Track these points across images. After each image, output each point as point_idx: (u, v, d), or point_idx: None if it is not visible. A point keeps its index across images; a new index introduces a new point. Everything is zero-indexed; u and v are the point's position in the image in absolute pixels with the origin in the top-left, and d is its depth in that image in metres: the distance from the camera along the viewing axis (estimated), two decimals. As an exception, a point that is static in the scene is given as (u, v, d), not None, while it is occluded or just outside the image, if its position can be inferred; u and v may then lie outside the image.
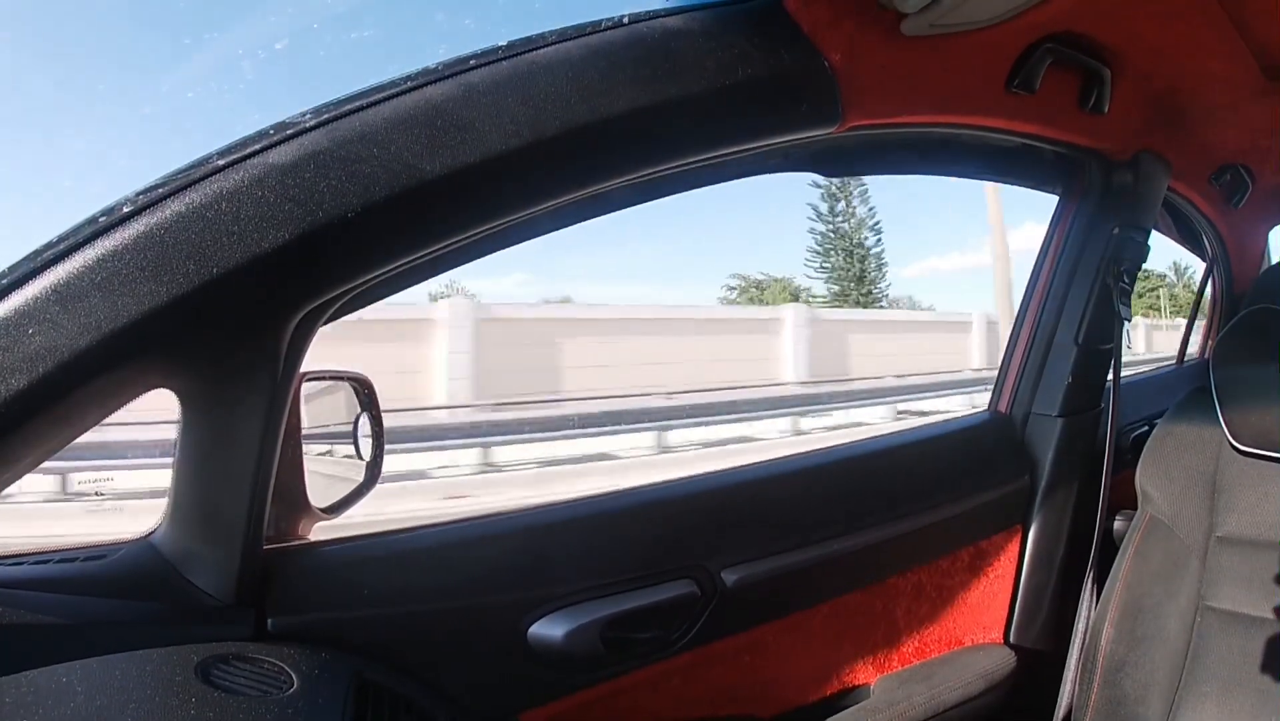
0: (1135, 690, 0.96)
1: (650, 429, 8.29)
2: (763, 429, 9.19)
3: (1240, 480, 0.97)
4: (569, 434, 8.02)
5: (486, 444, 7.46)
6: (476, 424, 8.11)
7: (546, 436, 7.89)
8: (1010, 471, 1.14)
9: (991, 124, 0.94)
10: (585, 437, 7.98)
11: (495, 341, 9.99)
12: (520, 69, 0.60)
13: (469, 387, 9.63)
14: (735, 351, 11.65)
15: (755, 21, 0.68)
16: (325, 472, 0.73)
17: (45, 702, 0.46)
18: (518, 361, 10.05)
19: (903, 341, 13.63)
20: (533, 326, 10.78)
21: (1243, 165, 1.33)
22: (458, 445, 7.45)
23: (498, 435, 7.75)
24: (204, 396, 0.58)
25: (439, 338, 9.78)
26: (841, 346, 12.61)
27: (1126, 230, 1.12)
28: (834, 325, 12.81)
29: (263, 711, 0.49)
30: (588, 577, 0.77)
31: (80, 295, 0.50)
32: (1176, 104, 1.07)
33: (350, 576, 0.68)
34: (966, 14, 0.75)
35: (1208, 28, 0.91)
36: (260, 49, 21.44)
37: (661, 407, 9.00)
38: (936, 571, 1.07)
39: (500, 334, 10.11)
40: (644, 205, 0.79)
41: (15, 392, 0.48)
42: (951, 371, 12.66)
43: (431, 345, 9.76)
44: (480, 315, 10.15)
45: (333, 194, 0.54)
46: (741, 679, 0.90)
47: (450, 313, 9.98)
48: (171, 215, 0.52)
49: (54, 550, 0.62)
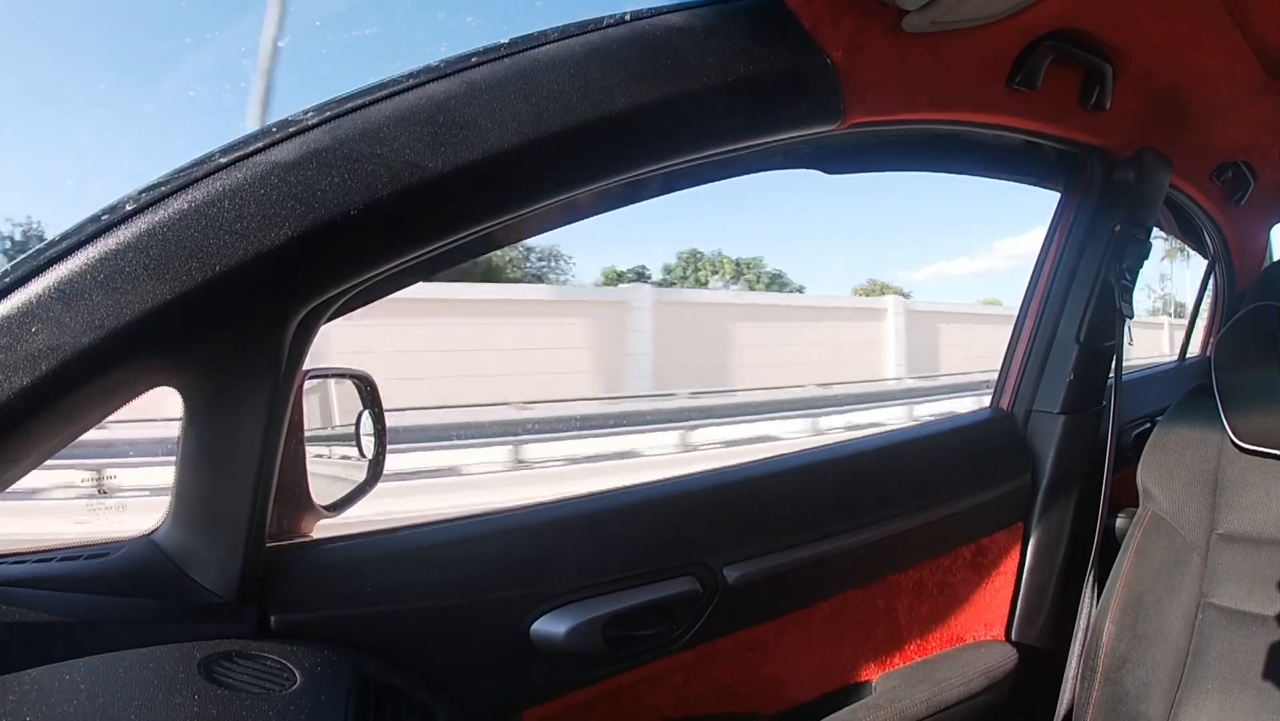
0: (1136, 687, 0.96)
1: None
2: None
3: (1242, 477, 0.97)
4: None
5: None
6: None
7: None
8: (1012, 469, 1.14)
9: (993, 121, 0.94)
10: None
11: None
12: (522, 66, 0.60)
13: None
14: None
15: (757, 19, 0.68)
16: (327, 473, 0.74)
17: (48, 700, 0.46)
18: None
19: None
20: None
21: (1244, 162, 1.33)
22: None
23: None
24: (207, 394, 0.58)
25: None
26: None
27: (1128, 228, 1.12)
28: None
29: (265, 708, 0.49)
30: (590, 575, 0.77)
31: (83, 293, 0.50)
32: (1178, 101, 1.07)
33: (353, 574, 0.68)
34: (968, 11, 0.74)
35: (1209, 25, 0.91)
36: (261, 47, 21.42)
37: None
38: (938, 568, 1.07)
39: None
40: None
41: (18, 390, 0.48)
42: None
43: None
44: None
45: (335, 191, 0.54)
46: (743, 676, 0.91)
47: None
48: (174, 213, 0.52)
49: (57, 548, 0.62)
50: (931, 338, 12.85)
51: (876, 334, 12.47)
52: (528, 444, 7.22)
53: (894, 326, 12.49)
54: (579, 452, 7.34)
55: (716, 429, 8.37)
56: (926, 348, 12.71)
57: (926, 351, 12.66)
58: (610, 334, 10.33)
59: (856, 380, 11.21)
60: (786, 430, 8.61)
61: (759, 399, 9.57)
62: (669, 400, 9.42)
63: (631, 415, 8.48)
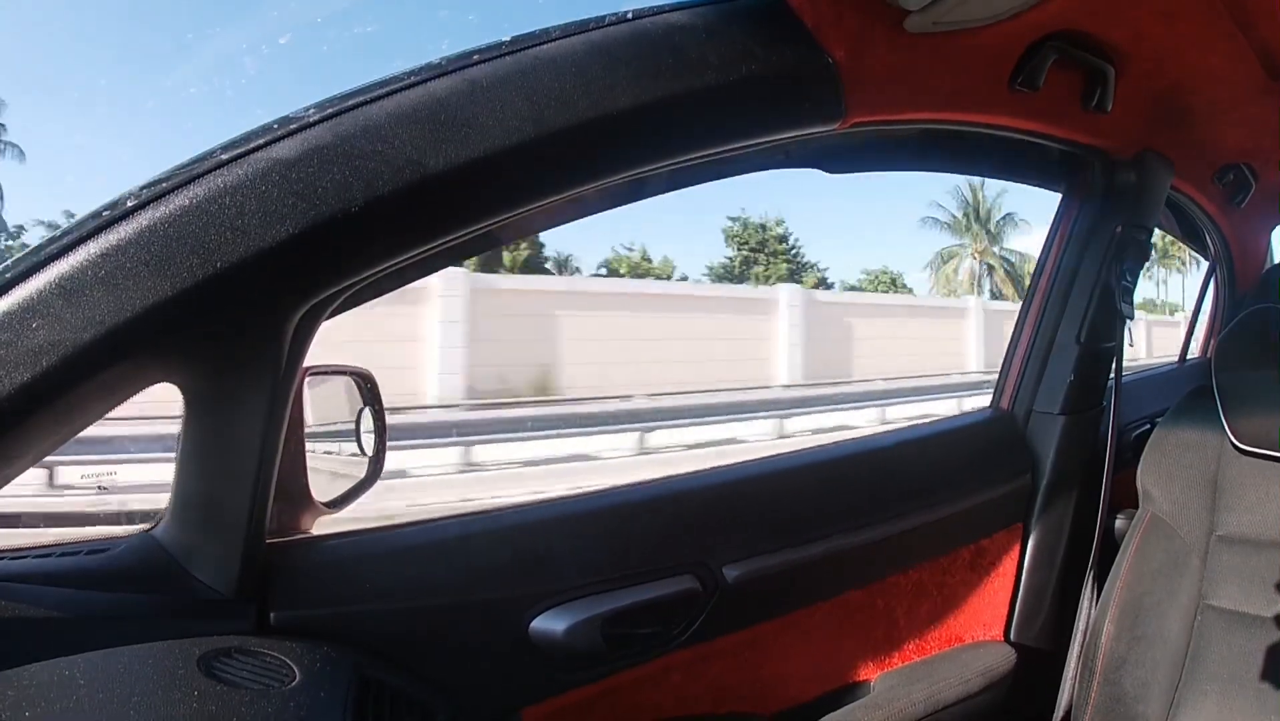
0: (1135, 688, 0.96)
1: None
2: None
3: (1241, 479, 0.97)
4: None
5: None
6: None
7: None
8: (1011, 469, 1.14)
9: (995, 122, 0.94)
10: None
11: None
12: (524, 64, 0.60)
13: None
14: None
15: (759, 17, 0.68)
16: (327, 469, 0.74)
17: (48, 696, 0.46)
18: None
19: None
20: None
21: (1246, 164, 1.33)
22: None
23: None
24: (207, 391, 0.58)
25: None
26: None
27: (1129, 229, 1.12)
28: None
29: (264, 704, 0.49)
30: (589, 573, 0.77)
31: (84, 289, 0.50)
32: (1180, 103, 1.07)
33: (352, 570, 0.68)
34: (970, 12, 0.74)
35: (1211, 26, 0.91)
36: (264, 44, 21.42)
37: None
38: (937, 569, 1.07)
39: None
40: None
41: (18, 386, 0.48)
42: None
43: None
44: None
45: (336, 189, 0.54)
46: (742, 675, 0.91)
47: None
48: (175, 210, 0.52)
49: (56, 544, 0.62)
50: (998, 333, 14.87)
51: (960, 330, 15.99)
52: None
53: (975, 324, 15.98)
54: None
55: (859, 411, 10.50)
56: (998, 341, 14.38)
57: (999, 345, 14.57)
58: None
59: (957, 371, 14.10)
60: (926, 410, 10.25)
61: (878, 388, 12.16)
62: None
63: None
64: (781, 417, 9.93)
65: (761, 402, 10.62)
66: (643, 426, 8.73)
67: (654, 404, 9.66)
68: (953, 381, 12.33)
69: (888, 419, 9.91)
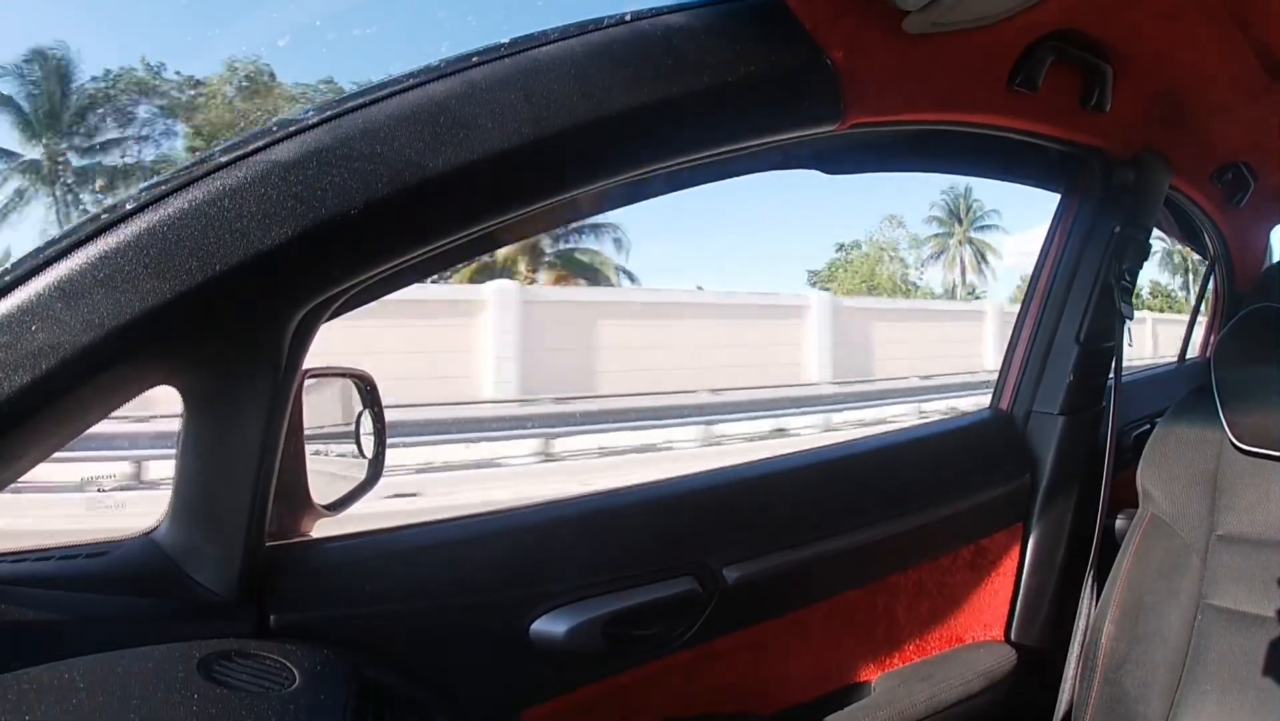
0: (1135, 688, 0.96)
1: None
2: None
3: (1241, 479, 0.97)
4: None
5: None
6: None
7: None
8: (1011, 469, 1.14)
9: (993, 122, 0.94)
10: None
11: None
12: (523, 66, 0.60)
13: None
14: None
15: (757, 19, 0.68)
16: (328, 471, 0.73)
17: (47, 699, 0.46)
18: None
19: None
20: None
21: (1244, 164, 1.33)
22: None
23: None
24: (207, 393, 0.58)
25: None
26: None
27: (1128, 229, 1.12)
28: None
29: (264, 708, 0.49)
30: (590, 574, 0.77)
31: (83, 292, 0.50)
32: (1178, 102, 1.07)
33: (352, 573, 0.68)
34: (968, 12, 0.74)
35: (1209, 26, 0.91)
36: (263, 46, 21.43)
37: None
38: (937, 569, 1.07)
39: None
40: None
41: (18, 389, 0.48)
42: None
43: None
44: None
45: (335, 191, 0.54)
46: (743, 676, 0.90)
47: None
48: (174, 212, 0.52)
49: (55, 546, 0.62)
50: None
51: (978, 332, 16.46)
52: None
53: (990, 326, 16.31)
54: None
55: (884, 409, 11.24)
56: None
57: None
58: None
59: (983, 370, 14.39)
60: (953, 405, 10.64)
61: (912, 384, 12.84)
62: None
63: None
64: (830, 412, 10.87)
65: (805, 399, 11.46)
66: (703, 420, 9.40)
67: (716, 399, 10.25)
68: (979, 379, 12.80)
69: (924, 411, 10.70)
